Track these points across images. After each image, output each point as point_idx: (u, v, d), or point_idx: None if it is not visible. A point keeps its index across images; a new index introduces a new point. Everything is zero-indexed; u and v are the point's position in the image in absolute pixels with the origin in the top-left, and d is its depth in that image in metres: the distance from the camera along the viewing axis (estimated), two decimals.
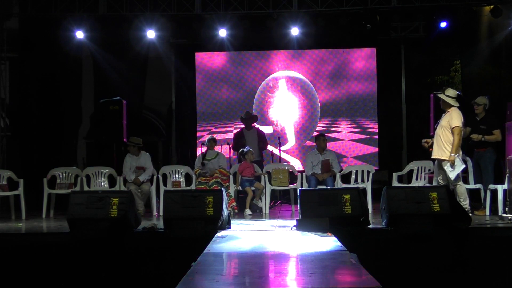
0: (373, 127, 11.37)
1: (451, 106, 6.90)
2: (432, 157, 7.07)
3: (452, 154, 6.69)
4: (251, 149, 8.68)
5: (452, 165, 6.69)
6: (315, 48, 11.38)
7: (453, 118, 6.80)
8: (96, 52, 10.70)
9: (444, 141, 6.84)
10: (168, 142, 11.72)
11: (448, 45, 10.84)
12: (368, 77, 11.42)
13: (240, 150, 8.82)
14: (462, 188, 6.87)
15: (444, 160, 6.80)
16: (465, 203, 6.75)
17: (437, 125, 7.07)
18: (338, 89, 11.49)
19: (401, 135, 11.45)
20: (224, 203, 6.27)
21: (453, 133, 6.77)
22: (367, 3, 9.48)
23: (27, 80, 10.09)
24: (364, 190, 7.87)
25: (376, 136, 11.35)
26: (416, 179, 8.35)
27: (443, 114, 7.03)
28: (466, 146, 7.71)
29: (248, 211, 8.26)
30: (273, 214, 8.30)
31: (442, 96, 6.97)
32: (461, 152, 6.82)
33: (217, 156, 8.68)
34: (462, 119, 6.85)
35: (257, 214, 8.36)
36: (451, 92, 6.97)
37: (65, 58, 10.41)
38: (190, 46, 11.47)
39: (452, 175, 6.73)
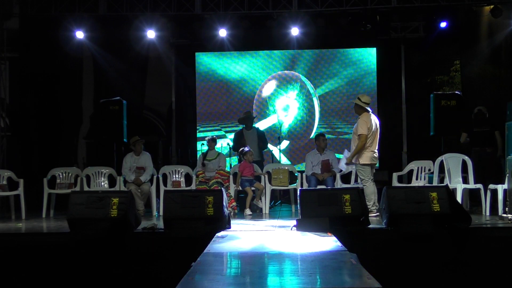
0: None
1: (364, 111, 7.27)
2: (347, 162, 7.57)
3: (353, 160, 7.26)
4: (251, 150, 8.68)
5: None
6: (315, 48, 11.37)
7: (359, 125, 7.24)
8: (96, 52, 10.70)
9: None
10: (168, 142, 11.70)
11: (448, 45, 10.83)
12: (368, 77, 11.41)
13: (240, 149, 8.83)
14: (368, 189, 7.24)
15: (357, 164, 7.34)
16: (369, 203, 7.06)
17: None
18: (338, 89, 11.48)
19: (401, 135, 11.43)
20: (224, 203, 6.27)
21: (359, 140, 7.23)
22: (367, 3, 9.47)
23: (27, 80, 10.08)
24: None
25: None
26: (416, 179, 8.35)
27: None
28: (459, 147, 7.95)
29: (248, 211, 8.26)
30: (273, 214, 8.30)
31: (356, 101, 7.35)
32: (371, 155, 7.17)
33: (218, 157, 8.70)
34: (373, 123, 7.19)
35: (257, 214, 8.37)
36: (365, 98, 7.34)
37: (65, 58, 10.40)
38: (190, 46, 11.45)
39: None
